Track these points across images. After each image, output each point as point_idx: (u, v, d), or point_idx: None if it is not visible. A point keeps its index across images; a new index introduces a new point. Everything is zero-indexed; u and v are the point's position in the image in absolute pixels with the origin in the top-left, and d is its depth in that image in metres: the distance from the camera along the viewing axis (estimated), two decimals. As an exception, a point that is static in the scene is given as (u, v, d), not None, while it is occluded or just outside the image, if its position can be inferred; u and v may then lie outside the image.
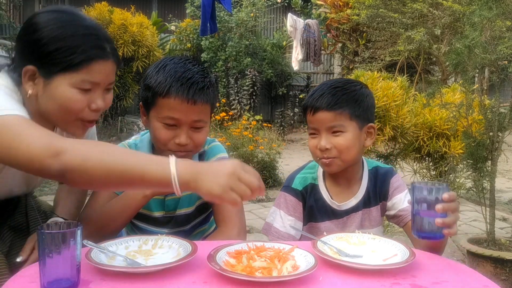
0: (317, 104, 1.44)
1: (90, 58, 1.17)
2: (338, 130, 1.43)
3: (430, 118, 4.35)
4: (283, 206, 1.52)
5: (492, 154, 2.82)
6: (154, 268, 0.99)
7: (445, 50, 6.07)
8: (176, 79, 1.30)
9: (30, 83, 1.19)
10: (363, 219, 1.53)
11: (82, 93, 1.18)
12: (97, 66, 1.18)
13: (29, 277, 0.96)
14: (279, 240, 1.45)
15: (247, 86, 9.80)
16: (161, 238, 1.15)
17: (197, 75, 1.33)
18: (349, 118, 1.44)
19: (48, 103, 1.19)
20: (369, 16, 6.72)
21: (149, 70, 1.39)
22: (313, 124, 1.46)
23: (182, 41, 10.78)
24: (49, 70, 1.17)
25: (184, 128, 1.33)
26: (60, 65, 1.16)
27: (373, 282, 0.99)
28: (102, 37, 1.22)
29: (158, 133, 1.35)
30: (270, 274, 0.97)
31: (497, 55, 2.76)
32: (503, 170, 6.40)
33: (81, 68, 1.17)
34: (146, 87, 1.36)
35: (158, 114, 1.34)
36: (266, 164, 5.28)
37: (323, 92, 1.45)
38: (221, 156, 1.50)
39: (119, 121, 8.57)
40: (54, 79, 1.17)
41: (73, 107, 1.19)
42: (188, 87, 1.30)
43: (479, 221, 3.93)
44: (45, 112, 1.21)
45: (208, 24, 5.65)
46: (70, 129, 1.27)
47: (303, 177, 1.54)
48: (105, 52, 1.20)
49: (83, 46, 1.17)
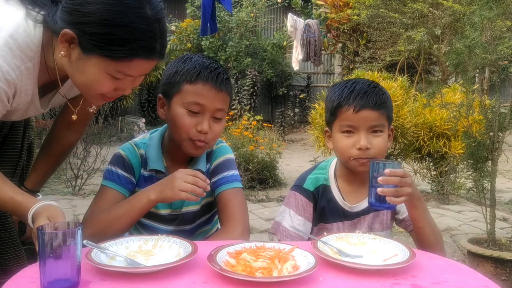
0: (362, 102, 1.40)
1: (134, 55, 1.12)
2: (378, 129, 1.42)
3: (431, 118, 4.35)
4: (293, 205, 1.50)
5: (493, 154, 2.82)
6: (154, 268, 0.99)
7: (446, 50, 6.08)
8: (205, 67, 1.38)
9: (65, 45, 1.12)
10: (373, 221, 1.52)
11: (111, 80, 1.16)
12: (137, 63, 1.14)
13: (29, 277, 0.96)
14: (287, 239, 1.45)
15: (247, 86, 9.81)
16: (161, 238, 1.15)
17: (220, 68, 1.41)
18: (386, 118, 1.44)
19: (76, 72, 1.16)
20: (369, 16, 6.73)
21: (172, 63, 1.44)
22: (354, 122, 1.42)
23: (182, 41, 10.79)
24: (90, 48, 1.10)
25: (207, 116, 1.37)
26: (103, 50, 1.10)
27: (373, 282, 0.99)
28: (157, 35, 1.14)
29: (181, 120, 1.37)
30: (270, 274, 0.97)
31: (498, 55, 2.76)
32: (503, 170, 6.40)
33: (122, 61, 1.12)
34: (170, 75, 1.40)
35: (183, 99, 1.37)
36: (267, 164, 5.29)
37: (365, 90, 1.42)
38: (228, 157, 1.52)
39: (120, 121, 8.57)
40: (91, 57, 1.12)
41: (100, 89, 1.18)
42: (216, 75, 1.37)
43: (479, 221, 3.92)
44: (70, 75, 1.19)
45: (208, 24, 5.65)
46: (88, 99, 1.28)
47: (315, 178, 1.52)
48: (153, 52, 1.15)
49: (133, 43, 1.10)
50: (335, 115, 1.46)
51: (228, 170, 1.49)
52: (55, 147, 1.56)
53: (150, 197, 1.29)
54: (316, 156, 5.06)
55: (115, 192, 1.40)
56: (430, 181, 4.89)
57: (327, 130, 1.53)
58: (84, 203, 4.15)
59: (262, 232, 3.73)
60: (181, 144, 1.41)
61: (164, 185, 1.29)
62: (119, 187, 1.41)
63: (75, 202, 4.36)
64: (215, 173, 1.49)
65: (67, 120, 1.52)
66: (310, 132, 4.99)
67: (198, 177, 1.26)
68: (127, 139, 1.48)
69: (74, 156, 4.70)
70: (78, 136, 1.60)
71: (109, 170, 1.43)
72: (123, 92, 1.22)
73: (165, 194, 1.27)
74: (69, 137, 1.57)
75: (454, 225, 3.97)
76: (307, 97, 10.83)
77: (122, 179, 1.42)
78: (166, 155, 1.48)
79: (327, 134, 1.53)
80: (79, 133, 1.59)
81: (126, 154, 1.46)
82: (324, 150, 4.70)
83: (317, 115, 4.75)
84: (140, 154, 1.47)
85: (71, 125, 1.54)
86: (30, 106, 1.27)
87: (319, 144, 4.72)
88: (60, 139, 1.56)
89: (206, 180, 1.28)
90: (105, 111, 5.29)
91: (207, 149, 1.46)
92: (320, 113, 4.69)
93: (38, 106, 1.28)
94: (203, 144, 1.39)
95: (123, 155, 1.45)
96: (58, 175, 5.10)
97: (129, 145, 1.50)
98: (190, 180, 1.26)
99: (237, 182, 1.48)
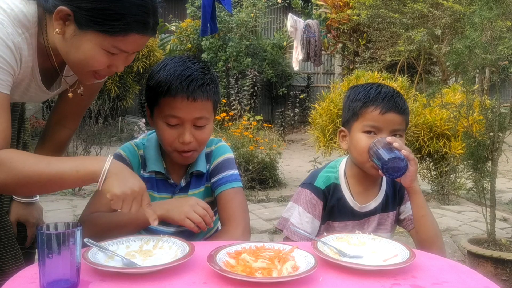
0: (389, 105, 1.42)
1: (129, 30, 1.14)
2: (399, 134, 1.45)
3: (431, 118, 4.35)
4: (302, 202, 1.50)
5: (493, 154, 2.82)
6: (148, 269, 0.99)
7: (446, 51, 6.07)
8: (175, 77, 1.32)
9: (60, 23, 1.14)
10: (379, 223, 1.53)
11: (107, 55, 1.17)
12: (132, 38, 1.16)
13: (29, 278, 0.96)
14: (294, 236, 1.45)
15: (247, 87, 9.81)
16: (162, 239, 1.15)
17: (196, 72, 1.34)
18: (406, 125, 1.48)
19: (71, 49, 1.17)
20: (369, 16, 6.73)
21: (151, 71, 1.40)
22: (379, 123, 1.43)
23: (182, 42, 10.80)
24: (86, 24, 1.12)
25: (187, 126, 1.34)
26: (99, 25, 1.12)
27: (373, 283, 0.99)
28: (150, 10, 1.16)
29: (163, 134, 1.36)
30: (270, 274, 0.97)
31: (498, 55, 2.76)
32: (503, 170, 6.40)
33: (118, 36, 1.14)
34: (148, 88, 1.38)
35: (161, 113, 1.35)
36: (267, 165, 5.29)
37: (391, 94, 1.45)
38: (227, 156, 1.51)
39: (120, 121, 8.57)
40: (87, 33, 1.13)
41: (94, 65, 1.18)
42: (188, 84, 1.31)
43: (479, 221, 3.92)
44: (63, 53, 1.19)
45: (208, 24, 5.65)
46: (80, 77, 1.27)
47: (326, 176, 1.52)
48: (147, 27, 1.17)
49: (128, 17, 1.12)
50: (358, 115, 1.46)
51: (227, 169, 1.48)
52: (47, 145, 1.56)
53: (155, 212, 1.24)
54: (316, 156, 5.06)
55: None
56: (430, 181, 4.89)
57: (344, 130, 1.53)
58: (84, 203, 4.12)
59: (262, 233, 3.73)
60: (170, 155, 1.41)
61: (173, 205, 1.28)
62: None
63: (75, 202, 4.36)
64: (215, 173, 1.49)
65: (60, 116, 1.54)
66: (310, 132, 4.99)
67: (207, 212, 1.26)
68: (127, 139, 1.47)
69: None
70: (70, 133, 1.60)
71: None
72: (116, 69, 1.22)
73: (170, 215, 1.26)
74: (61, 133, 1.57)
75: (454, 225, 3.97)
76: (307, 97, 10.84)
77: None
78: (165, 156, 1.47)
79: (342, 134, 1.53)
80: (71, 129, 1.59)
81: (127, 154, 1.45)
82: (324, 150, 4.69)
83: (317, 115, 4.75)
84: (140, 155, 1.47)
85: (63, 121, 1.55)
86: (31, 83, 1.28)
87: (319, 144, 4.71)
88: (53, 135, 1.56)
89: (213, 217, 1.29)
90: (105, 112, 5.28)
91: (197, 155, 1.44)
92: (320, 114, 4.69)
93: (39, 82, 1.29)
94: (189, 154, 1.38)
95: (123, 156, 1.45)
96: (58, 175, 5.10)
97: (129, 145, 1.49)
98: (200, 212, 1.25)
99: (237, 181, 1.47)
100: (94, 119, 5.13)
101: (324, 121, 4.59)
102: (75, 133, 1.65)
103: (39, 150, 1.56)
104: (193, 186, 1.48)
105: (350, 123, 1.49)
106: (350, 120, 1.49)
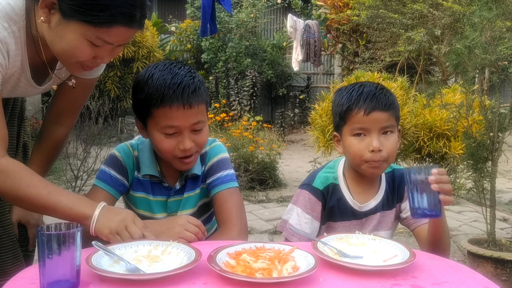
0: (372, 104, 1.41)
1: (114, 22, 1.12)
2: (389, 130, 1.43)
3: (431, 118, 4.34)
4: (300, 203, 1.50)
5: (493, 154, 2.82)
6: (150, 276, 0.98)
7: (445, 51, 6.07)
8: (167, 87, 1.29)
9: (45, 11, 1.13)
10: (380, 221, 1.52)
11: (91, 46, 1.16)
12: (117, 30, 1.14)
13: (29, 279, 0.96)
14: (293, 238, 1.45)
15: (247, 87, 9.80)
16: (171, 245, 1.12)
17: (186, 78, 1.32)
18: (395, 119, 1.45)
19: (55, 39, 1.16)
20: (369, 16, 6.72)
21: (136, 83, 1.36)
22: (365, 124, 1.42)
23: (182, 42, 10.80)
24: (69, 13, 1.11)
25: (186, 133, 1.33)
26: (83, 15, 1.10)
27: (374, 283, 0.99)
28: (138, 3, 1.15)
29: (161, 144, 1.34)
30: (270, 275, 0.97)
31: (497, 56, 2.76)
32: (503, 170, 6.40)
33: (101, 27, 1.12)
34: (138, 101, 1.35)
35: (156, 124, 1.32)
36: (266, 165, 5.29)
37: (373, 92, 1.43)
38: (222, 156, 1.50)
39: (119, 122, 8.57)
40: (71, 22, 1.12)
41: (78, 56, 1.18)
42: (181, 92, 1.29)
43: (479, 221, 3.92)
44: (49, 42, 1.19)
45: (208, 25, 5.65)
46: (67, 67, 1.27)
47: (325, 177, 1.52)
48: (133, 20, 1.15)
49: (114, 9, 1.10)
50: (344, 119, 1.46)
51: (222, 170, 1.47)
52: (44, 144, 1.56)
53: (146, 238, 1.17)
54: (316, 156, 5.05)
55: (105, 193, 1.39)
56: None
57: (336, 135, 1.52)
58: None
59: (262, 233, 3.73)
60: (170, 163, 1.39)
61: (164, 227, 1.23)
62: (110, 188, 1.40)
63: (75, 203, 4.36)
64: (210, 174, 1.47)
65: (55, 113, 1.54)
66: (310, 132, 4.98)
67: (199, 228, 1.24)
68: (127, 140, 1.47)
69: (74, 157, 4.70)
70: (67, 130, 1.59)
71: (103, 170, 1.42)
72: (102, 61, 1.22)
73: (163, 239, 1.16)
74: (58, 131, 1.56)
75: (454, 225, 3.97)
76: (307, 97, 10.83)
77: (114, 180, 1.41)
78: (159, 159, 1.45)
79: (336, 138, 1.53)
80: (67, 127, 1.58)
81: (121, 155, 1.45)
82: (324, 151, 4.69)
83: (317, 116, 4.74)
84: (135, 156, 1.46)
85: (59, 118, 1.55)
86: (21, 77, 1.27)
87: (319, 144, 4.71)
88: (50, 134, 1.56)
89: (205, 232, 1.27)
90: (105, 112, 5.28)
91: (198, 157, 1.43)
92: (320, 114, 4.68)
93: (28, 76, 1.28)
94: (191, 159, 1.37)
95: (118, 156, 1.44)
96: (58, 176, 5.10)
97: (125, 145, 1.48)
98: (193, 230, 1.23)
99: (233, 181, 1.46)
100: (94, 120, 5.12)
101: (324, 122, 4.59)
102: (75, 133, 1.65)
103: (37, 149, 1.56)
104: (188, 189, 1.48)
105: (340, 128, 1.49)
106: (340, 125, 1.49)
